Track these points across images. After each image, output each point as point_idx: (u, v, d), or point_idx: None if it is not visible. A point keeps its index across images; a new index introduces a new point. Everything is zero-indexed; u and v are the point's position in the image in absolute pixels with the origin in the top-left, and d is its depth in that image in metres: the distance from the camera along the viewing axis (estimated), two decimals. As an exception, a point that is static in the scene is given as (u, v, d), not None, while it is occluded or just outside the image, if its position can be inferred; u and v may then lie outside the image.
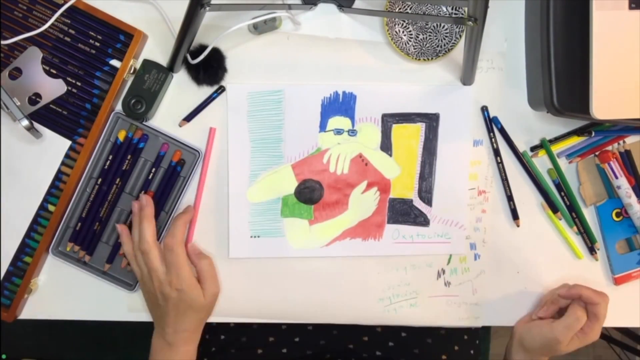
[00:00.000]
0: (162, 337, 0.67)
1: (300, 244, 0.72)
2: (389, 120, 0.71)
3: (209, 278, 0.68)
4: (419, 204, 0.73)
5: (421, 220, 0.73)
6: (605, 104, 0.62)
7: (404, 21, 0.70)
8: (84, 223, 0.70)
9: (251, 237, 0.71)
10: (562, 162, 0.74)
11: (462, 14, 0.68)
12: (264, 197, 0.71)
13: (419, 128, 0.71)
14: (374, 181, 0.72)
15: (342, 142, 0.71)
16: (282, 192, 0.72)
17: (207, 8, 0.60)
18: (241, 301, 0.73)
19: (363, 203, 0.72)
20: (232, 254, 0.71)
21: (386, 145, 0.72)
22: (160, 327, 0.67)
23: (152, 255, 0.65)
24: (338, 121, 0.71)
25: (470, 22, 0.56)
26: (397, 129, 0.71)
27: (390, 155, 0.72)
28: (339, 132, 0.71)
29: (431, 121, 0.71)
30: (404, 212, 0.73)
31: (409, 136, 0.72)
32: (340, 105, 0.71)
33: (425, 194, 0.72)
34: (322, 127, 0.71)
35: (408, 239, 0.73)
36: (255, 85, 0.70)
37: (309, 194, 0.71)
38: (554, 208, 0.74)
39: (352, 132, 0.71)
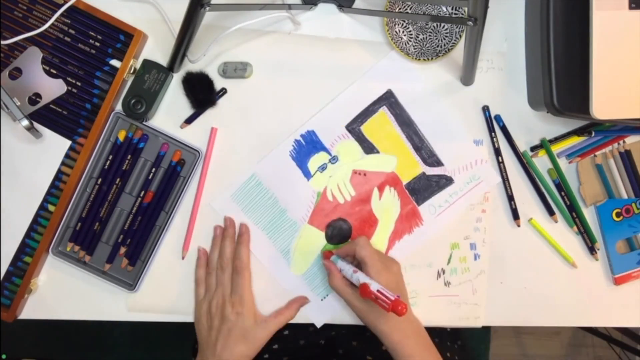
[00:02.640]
0: None
1: None
2: (355, 126, 0.72)
3: (278, 321, 0.68)
4: (431, 171, 0.72)
5: (444, 182, 0.73)
6: (605, 104, 0.62)
7: (404, 21, 0.70)
8: (84, 223, 0.70)
9: (322, 300, 0.72)
10: (562, 162, 0.75)
11: (462, 14, 0.68)
12: (307, 264, 0.72)
13: (384, 113, 0.71)
14: (382, 182, 0.72)
15: (331, 174, 0.72)
16: (318, 248, 0.72)
17: (207, 8, 0.60)
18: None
19: (387, 206, 0.72)
20: (318, 323, 0.73)
21: (369, 147, 0.72)
22: (205, 355, 0.67)
23: (227, 272, 0.68)
24: (316, 160, 0.71)
25: (470, 22, 0.56)
26: (366, 128, 0.71)
27: (378, 152, 0.72)
28: (323, 168, 0.71)
29: (388, 99, 0.71)
30: (425, 187, 0.73)
31: (380, 125, 0.72)
32: (307, 147, 0.71)
33: (431, 159, 0.72)
34: (307, 174, 0.71)
35: (445, 205, 0.73)
36: (231, 186, 0.71)
37: (340, 233, 0.72)
38: (551, 210, 0.74)
39: (334, 159, 0.71)
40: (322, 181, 0.72)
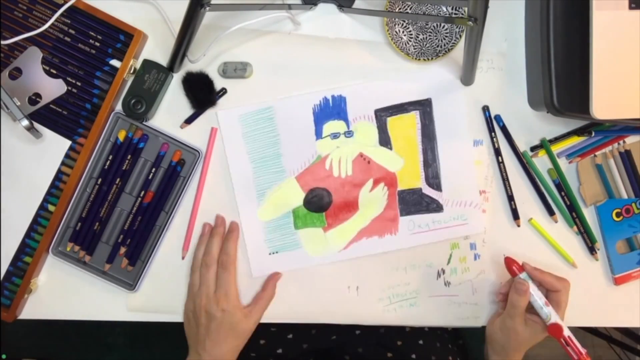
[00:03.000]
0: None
1: (318, 252, 0.72)
2: (383, 115, 0.71)
3: (260, 306, 0.69)
4: (428, 191, 0.72)
5: (434, 206, 0.73)
6: (605, 104, 0.62)
7: (404, 21, 0.70)
8: (84, 223, 0.70)
9: (270, 254, 0.72)
10: (562, 162, 0.74)
11: (462, 14, 0.68)
12: (274, 213, 0.72)
13: (414, 116, 0.71)
14: (380, 177, 0.72)
15: (340, 145, 0.71)
16: (292, 205, 0.72)
17: (207, 8, 0.60)
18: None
19: (373, 201, 0.72)
20: (255, 273, 0.72)
21: (385, 140, 0.72)
22: (196, 352, 0.67)
23: (212, 270, 0.68)
24: (333, 125, 0.71)
25: (470, 22, 0.56)
26: (392, 122, 0.71)
27: (391, 148, 0.72)
28: (335, 136, 0.71)
29: (424, 107, 0.71)
30: (415, 202, 0.72)
31: (406, 126, 0.72)
32: (331, 109, 0.71)
33: (434, 180, 0.72)
34: (318, 134, 0.71)
35: (424, 227, 0.73)
36: (245, 107, 0.70)
37: (318, 202, 0.72)
38: (551, 210, 0.74)
39: (349, 134, 0.71)
40: (328, 147, 0.71)
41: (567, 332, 0.64)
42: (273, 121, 0.70)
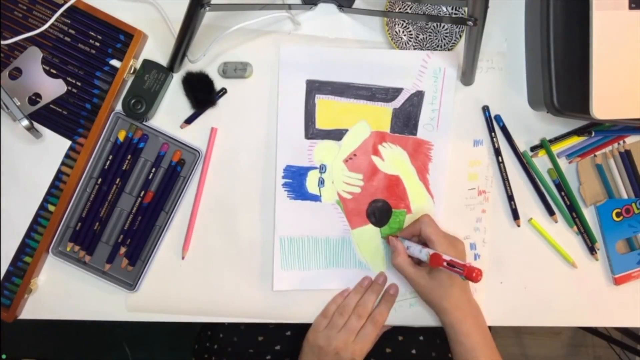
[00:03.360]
0: None
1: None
2: (312, 131, 0.71)
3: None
4: (399, 101, 0.71)
5: (416, 98, 0.71)
6: (605, 104, 0.62)
7: (404, 21, 0.70)
8: (84, 223, 0.70)
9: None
10: (562, 162, 0.74)
11: (462, 14, 0.68)
12: (381, 257, 0.73)
13: (322, 100, 0.70)
14: (372, 147, 0.72)
15: (331, 179, 0.71)
16: (376, 238, 0.73)
17: (207, 8, 0.60)
18: (238, 301, 0.73)
19: (393, 160, 0.72)
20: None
21: (337, 134, 0.71)
22: None
23: (360, 322, 0.69)
24: (311, 182, 0.71)
25: (470, 22, 0.56)
26: (321, 123, 0.71)
27: (347, 130, 0.71)
28: (322, 183, 0.71)
29: (313, 87, 0.70)
30: (406, 117, 0.71)
31: (328, 111, 0.71)
32: (296, 181, 0.71)
33: (388, 93, 0.71)
34: (316, 198, 0.72)
35: (434, 113, 0.72)
36: (276, 264, 0.72)
37: (381, 212, 0.73)
38: (551, 210, 0.74)
39: (322, 169, 0.71)
40: (331, 191, 0.72)
41: (446, 257, 0.63)
42: (293, 239, 0.72)
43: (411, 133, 0.72)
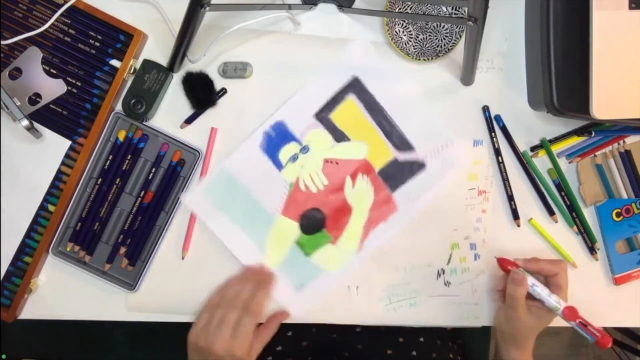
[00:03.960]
0: None
1: (339, 265, 0.72)
2: (323, 115, 0.71)
3: (261, 341, 0.66)
4: (403, 156, 0.72)
5: (416, 167, 0.72)
6: (605, 104, 0.62)
7: (404, 21, 0.70)
8: (84, 223, 0.70)
9: (296, 290, 0.72)
10: (562, 162, 0.74)
11: (462, 14, 0.68)
12: (282, 255, 0.72)
13: (352, 100, 0.71)
14: (354, 170, 0.72)
15: (303, 163, 0.71)
16: (293, 238, 0.72)
17: (207, 8, 0.60)
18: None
19: (360, 194, 0.72)
20: (296, 317, 0.72)
21: (339, 136, 0.71)
22: None
23: (236, 314, 0.63)
24: (287, 151, 0.71)
25: (470, 22, 0.56)
26: (336, 116, 0.71)
27: (349, 140, 0.72)
28: (294, 158, 0.71)
29: (355, 86, 0.71)
30: (398, 173, 0.72)
31: (350, 113, 0.71)
32: (277, 139, 0.71)
33: (402, 143, 0.72)
34: (279, 165, 0.71)
35: (420, 191, 0.72)
36: (202, 181, 0.70)
37: (314, 223, 0.72)
38: (551, 210, 0.74)
39: (305, 149, 0.71)
40: (294, 171, 0.71)
41: (582, 316, 0.64)
42: (232, 178, 0.70)
43: (391, 188, 0.72)
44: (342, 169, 0.72)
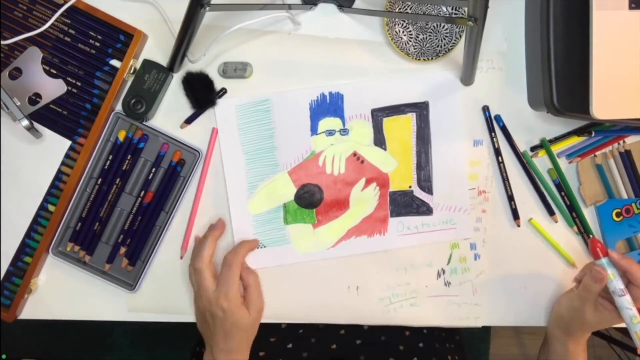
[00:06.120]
0: (211, 354, 0.68)
1: (307, 248, 0.72)
2: (379, 115, 0.71)
3: (255, 293, 0.69)
4: (419, 193, 0.72)
5: (424, 209, 0.73)
6: (605, 104, 0.62)
7: (404, 21, 0.70)
8: (84, 223, 0.70)
9: (257, 248, 0.72)
10: (562, 162, 0.74)
11: (462, 14, 0.68)
12: (264, 207, 0.72)
13: (410, 118, 0.71)
14: (372, 177, 0.72)
15: (334, 142, 0.71)
16: (282, 199, 0.72)
17: (207, 8, 0.60)
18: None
19: (364, 200, 0.72)
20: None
21: (379, 140, 0.72)
22: (210, 346, 0.68)
23: (204, 274, 0.66)
24: (328, 122, 0.71)
25: (470, 22, 0.56)
26: (388, 122, 0.71)
27: (385, 149, 0.72)
28: (330, 133, 0.71)
29: (421, 110, 0.71)
30: (406, 204, 0.73)
31: (401, 128, 0.72)
32: (328, 106, 0.71)
33: (425, 183, 0.72)
34: (314, 130, 0.71)
35: (413, 229, 0.73)
36: (242, 97, 0.70)
37: (309, 199, 0.72)
38: (551, 210, 0.74)
39: (344, 132, 0.71)
40: (323, 144, 0.71)
41: None
42: (269, 114, 0.70)
43: (392, 212, 0.72)
44: (363, 169, 0.72)
